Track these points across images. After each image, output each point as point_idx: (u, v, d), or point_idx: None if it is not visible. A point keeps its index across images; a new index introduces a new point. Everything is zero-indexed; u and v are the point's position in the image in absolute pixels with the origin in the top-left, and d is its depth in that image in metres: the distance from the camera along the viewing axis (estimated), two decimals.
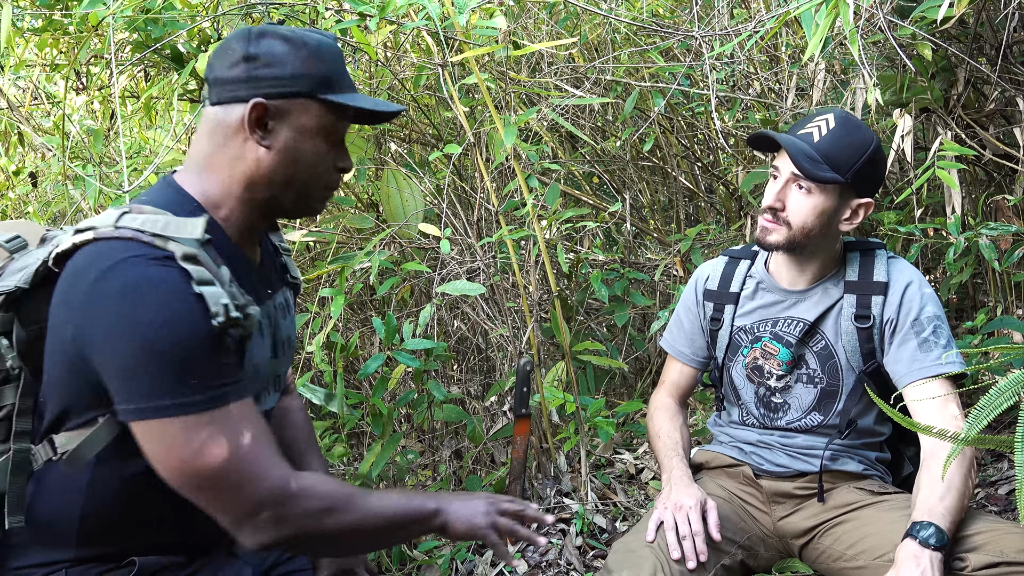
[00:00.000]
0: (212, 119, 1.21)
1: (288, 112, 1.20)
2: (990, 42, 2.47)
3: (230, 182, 1.21)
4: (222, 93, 1.20)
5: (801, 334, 1.75)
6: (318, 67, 1.20)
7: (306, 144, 1.22)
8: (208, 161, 1.21)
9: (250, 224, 1.25)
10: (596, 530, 2.21)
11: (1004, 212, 2.51)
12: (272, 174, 1.21)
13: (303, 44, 1.20)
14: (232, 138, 1.20)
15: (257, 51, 1.18)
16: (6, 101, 2.83)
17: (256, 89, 1.18)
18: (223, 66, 1.20)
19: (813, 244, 1.69)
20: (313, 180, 1.25)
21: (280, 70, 1.18)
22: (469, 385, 2.89)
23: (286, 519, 1.11)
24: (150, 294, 1.05)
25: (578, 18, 3.04)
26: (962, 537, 1.49)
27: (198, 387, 1.06)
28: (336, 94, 1.22)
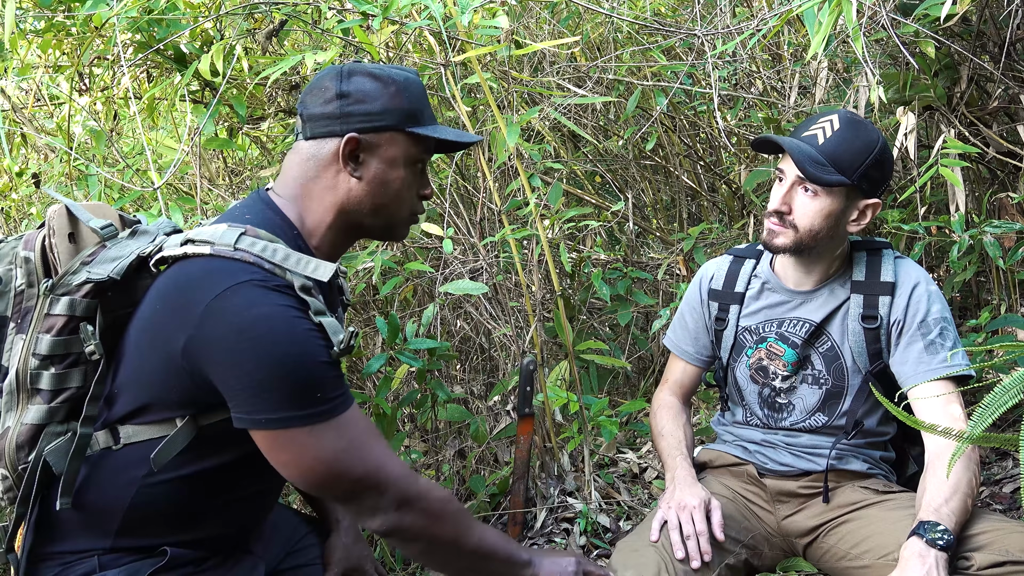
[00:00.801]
0: (306, 152, 1.30)
1: (378, 145, 1.29)
2: (993, 39, 2.47)
3: (324, 210, 1.30)
4: (316, 128, 1.28)
5: (807, 335, 1.75)
6: (405, 102, 1.29)
7: (394, 174, 1.31)
8: (303, 190, 1.30)
9: (336, 249, 1.35)
10: (600, 529, 2.21)
11: (1008, 210, 2.50)
12: (363, 202, 1.30)
13: (391, 81, 1.29)
14: (326, 170, 1.29)
15: (349, 89, 1.27)
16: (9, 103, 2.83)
17: (349, 124, 1.27)
18: (316, 103, 1.28)
19: (820, 246, 1.69)
20: (399, 207, 1.34)
21: (371, 106, 1.27)
22: (472, 385, 2.89)
23: (408, 510, 1.22)
24: (278, 320, 1.14)
25: (580, 17, 3.04)
26: (967, 536, 1.49)
27: (321, 400, 1.16)
28: (421, 126, 1.31)
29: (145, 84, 2.84)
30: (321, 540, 1.58)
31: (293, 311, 1.15)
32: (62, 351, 1.22)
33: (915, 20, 2.14)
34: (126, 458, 1.22)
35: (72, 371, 1.23)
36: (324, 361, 1.16)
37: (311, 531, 1.56)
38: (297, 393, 1.14)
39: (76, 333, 1.22)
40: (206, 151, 2.80)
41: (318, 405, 1.16)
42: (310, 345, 1.15)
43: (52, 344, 1.21)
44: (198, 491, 1.24)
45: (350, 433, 1.19)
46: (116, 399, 1.23)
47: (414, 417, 2.73)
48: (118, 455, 1.22)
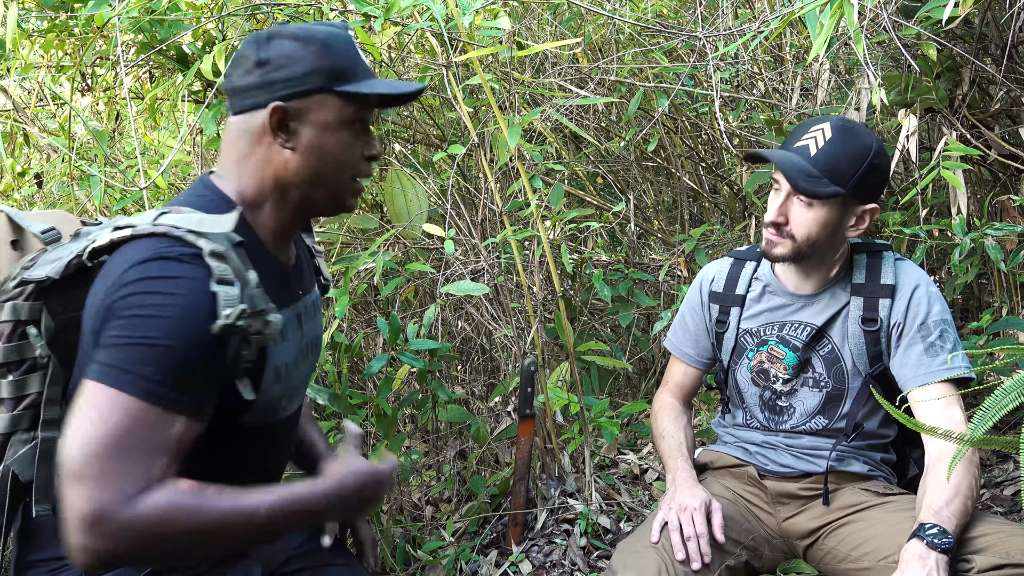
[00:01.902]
0: (236, 129, 1.23)
1: (307, 111, 1.20)
2: (995, 42, 2.47)
3: (263, 187, 1.22)
4: (241, 102, 1.21)
5: (808, 339, 1.75)
6: (330, 60, 1.20)
7: (330, 139, 1.22)
8: (239, 168, 1.23)
9: (284, 226, 1.26)
10: (600, 531, 2.21)
11: (1009, 212, 2.50)
12: (300, 174, 1.22)
13: (312, 39, 1.19)
14: (257, 144, 1.21)
15: (268, 55, 1.19)
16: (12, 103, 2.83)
17: (272, 93, 1.19)
18: (238, 75, 1.21)
19: (819, 253, 1.69)
20: (342, 174, 1.25)
21: (293, 70, 1.18)
22: (473, 385, 2.89)
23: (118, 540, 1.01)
24: (165, 288, 1.06)
25: (582, 18, 3.04)
26: (967, 539, 1.49)
27: (165, 381, 1.05)
28: (353, 83, 1.21)
29: (147, 84, 2.84)
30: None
31: (187, 280, 1.07)
32: (16, 357, 1.19)
33: (917, 22, 2.14)
34: None
35: (30, 377, 1.20)
36: (194, 341, 1.06)
37: (312, 535, 1.52)
38: (142, 356, 1.04)
39: (26, 338, 1.18)
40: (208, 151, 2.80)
41: (155, 385, 1.04)
42: (186, 318, 1.06)
43: (4, 351, 1.18)
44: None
45: (156, 437, 1.04)
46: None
47: (415, 418, 2.73)
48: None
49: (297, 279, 1.33)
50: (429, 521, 2.43)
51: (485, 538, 2.28)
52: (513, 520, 2.22)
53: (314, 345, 1.40)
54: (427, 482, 2.64)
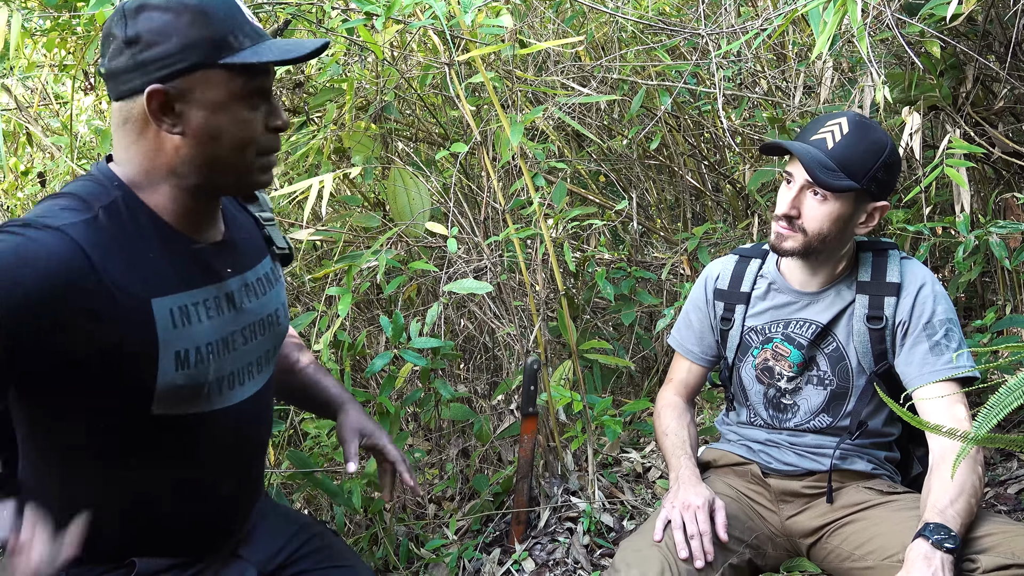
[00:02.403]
0: (118, 116, 1.10)
1: (191, 90, 1.07)
2: (999, 39, 2.46)
3: (155, 173, 1.11)
4: (118, 87, 1.08)
5: (813, 336, 1.75)
6: (208, 30, 1.06)
7: (222, 118, 1.09)
8: (128, 156, 1.12)
9: (189, 208, 1.15)
10: (603, 529, 2.21)
11: (1013, 210, 2.49)
12: (196, 159, 1.10)
13: (184, 7, 1.05)
14: (143, 132, 1.09)
15: (137, 31, 1.05)
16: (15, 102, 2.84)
17: (147, 75, 1.05)
18: (109, 56, 1.08)
19: (828, 249, 1.69)
20: (243, 152, 1.12)
21: (166, 46, 1.05)
22: (476, 384, 2.89)
23: None
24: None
25: (584, 16, 3.03)
26: (972, 538, 1.48)
27: None
28: (238, 53, 1.07)
29: None
30: (328, 542, 1.51)
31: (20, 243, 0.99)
32: None
33: (920, 20, 2.13)
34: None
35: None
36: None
37: (316, 535, 1.49)
38: None
39: None
40: None
41: None
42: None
43: None
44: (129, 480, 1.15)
45: None
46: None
47: (418, 416, 2.73)
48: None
49: (224, 257, 1.22)
50: (432, 519, 2.43)
51: (488, 536, 2.28)
52: (516, 518, 2.22)
53: (266, 322, 1.29)
54: (430, 480, 2.64)
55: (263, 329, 1.28)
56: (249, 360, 1.25)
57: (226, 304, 1.20)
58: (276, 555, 1.42)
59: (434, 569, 2.16)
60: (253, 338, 1.26)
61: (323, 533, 1.52)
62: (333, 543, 1.50)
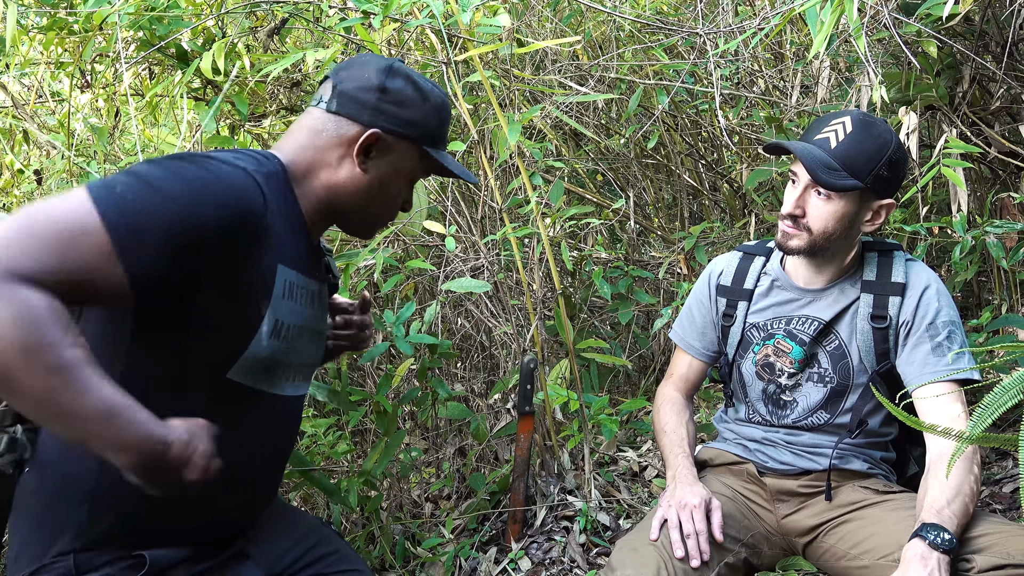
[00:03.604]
0: (322, 123, 1.29)
1: (393, 150, 1.30)
2: (996, 39, 2.46)
3: (317, 184, 1.30)
4: (345, 107, 1.28)
5: (815, 333, 1.75)
6: (434, 122, 1.33)
7: (395, 181, 1.33)
8: (304, 156, 1.29)
9: (318, 218, 1.32)
10: (600, 528, 2.21)
11: (1009, 210, 2.50)
12: (355, 195, 1.30)
13: (430, 97, 1.32)
14: (335, 149, 1.29)
15: (391, 87, 1.28)
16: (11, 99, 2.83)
17: (377, 119, 1.28)
18: (355, 84, 1.28)
19: (834, 247, 1.69)
20: (384, 212, 1.37)
21: (405, 112, 1.29)
22: (473, 383, 2.89)
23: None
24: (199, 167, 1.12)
25: (582, 15, 3.03)
26: (968, 538, 1.49)
27: (133, 223, 1.01)
28: (436, 150, 1.34)
29: (147, 81, 2.84)
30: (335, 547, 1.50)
31: (217, 168, 1.14)
32: None
33: (917, 19, 2.14)
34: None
35: None
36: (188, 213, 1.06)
37: (323, 539, 1.50)
38: (131, 190, 1.03)
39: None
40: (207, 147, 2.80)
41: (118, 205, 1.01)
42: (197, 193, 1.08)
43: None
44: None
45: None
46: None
47: (414, 415, 2.73)
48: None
49: (316, 262, 1.37)
50: (428, 518, 2.43)
51: (484, 535, 2.28)
52: (512, 517, 2.22)
53: (320, 333, 1.40)
54: (426, 479, 2.64)
55: (317, 338, 1.39)
56: (304, 362, 1.36)
57: (310, 300, 1.33)
58: (283, 557, 1.42)
59: (430, 568, 2.16)
60: (313, 344, 1.37)
61: (330, 537, 1.53)
62: (340, 548, 1.51)
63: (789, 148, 1.65)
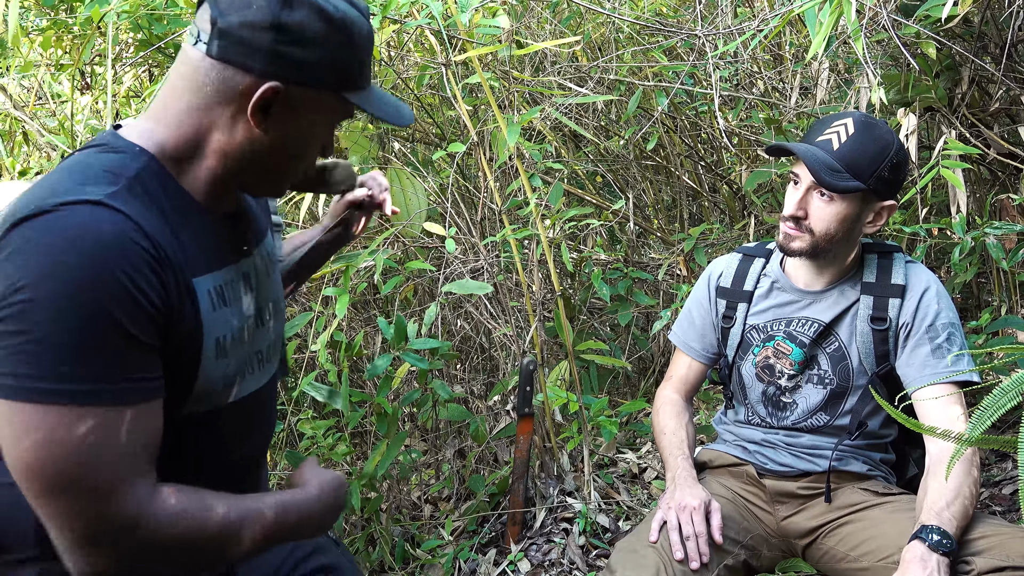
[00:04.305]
0: (205, 73, 1.00)
1: (300, 102, 1.03)
2: (995, 41, 2.46)
3: (204, 148, 1.04)
4: (231, 51, 0.99)
5: (815, 335, 1.75)
6: (350, 57, 1.04)
7: (303, 136, 1.06)
8: (184, 126, 1.03)
9: (217, 188, 1.08)
10: (599, 529, 2.21)
11: (1008, 211, 2.50)
12: (256, 159, 1.05)
13: (340, 26, 1.01)
14: (223, 105, 1.01)
15: (290, 21, 0.98)
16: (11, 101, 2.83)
17: (274, 67, 0.99)
18: (239, 20, 0.98)
19: (836, 248, 1.70)
20: (293, 168, 1.10)
21: (309, 53, 1.00)
22: (472, 384, 2.89)
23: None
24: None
25: (581, 17, 3.04)
26: (967, 540, 1.49)
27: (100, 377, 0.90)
28: (357, 91, 1.06)
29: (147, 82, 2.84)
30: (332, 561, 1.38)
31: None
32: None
33: (916, 21, 2.14)
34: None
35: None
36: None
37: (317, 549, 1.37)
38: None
39: None
40: None
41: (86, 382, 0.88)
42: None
43: None
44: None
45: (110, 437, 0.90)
46: None
47: (414, 416, 2.73)
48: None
49: (241, 230, 1.15)
50: (428, 520, 2.43)
51: (484, 537, 2.28)
52: (512, 519, 2.22)
53: (273, 304, 1.21)
54: (426, 481, 2.64)
55: (272, 315, 1.20)
56: (259, 348, 1.16)
57: (246, 286, 1.13)
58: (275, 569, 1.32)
59: (430, 570, 2.16)
60: (266, 326, 1.18)
61: (325, 547, 1.40)
62: (339, 563, 1.39)
63: (792, 150, 1.65)
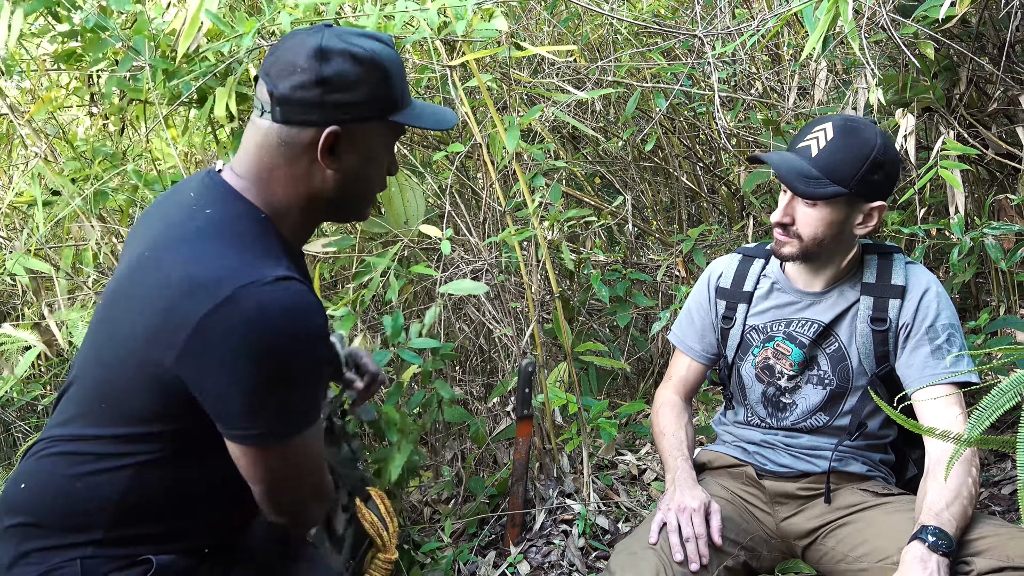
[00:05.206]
0: (276, 137, 1.20)
1: (358, 136, 1.21)
2: (992, 41, 2.47)
3: (295, 197, 1.23)
4: (291, 113, 1.18)
5: (815, 335, 1.75)
6: (388, 88, 1.21)
7: (370, 163, 1.25)
8: (272, 176, 1.22)
9: (307, 229, 1.30)
10: (598, 531, 2.21)
11: (1007, 211, 2.50)
12: (335, 191, 1.24)
13: (372, 64, 1.19)
14: (298, 158, 1.20)
15: (329, 74, 1.16)
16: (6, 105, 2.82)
17: (329, 115, 1.17)
18: (290, 85, 1.17)
19: (828, 251, 1.69)
20: (369, 191, 1.30)
21: (353, 95, 1.18)
22: (472, 386, 2.89)
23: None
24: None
25: (580, 19, 3.04)
26: (967, 541, 1.49)
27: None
28: (402, 112, 1.24)
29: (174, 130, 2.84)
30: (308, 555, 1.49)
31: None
32: None
33: (914, 21, 2.14)
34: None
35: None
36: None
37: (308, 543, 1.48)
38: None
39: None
40: None
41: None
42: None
43: None
44: (186, 491, 1.23)
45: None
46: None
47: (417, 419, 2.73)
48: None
49: (303, 268, 1.36)
50: (427, 522, 2.43)
51: (483, 539, 2.28)
52: (511, 521, 2.22)
53: None
54: (425, 483, 2.64)
55: None
56: None
57: None
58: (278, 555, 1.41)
59: (429, 572, 2.16)
60: None
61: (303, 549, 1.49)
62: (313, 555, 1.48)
63: (766, 161, 1.66)
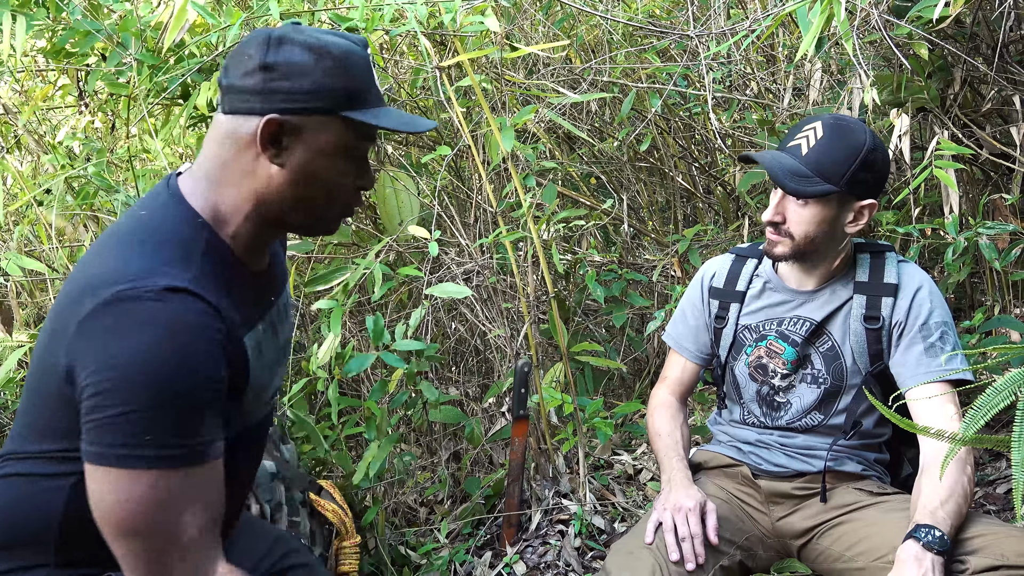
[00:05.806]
0: (224, 128, 1.12)
1: (305, 129, 1.10)
2: (986, 41, 2.47)
3: (240, 198, 1.13)
4: (235, 103, 1.11)
5: (807, 334, 1.75)
6: (342, 81, 1.10)
7: (323, 164, 1.13)
8: (218, 173, 1.13)
9: (258, 239, 1.18)
10: (594, 531, 2.21)
11: (1001, 211, 2.50)
12: (284, 193, 1.13)
13: (327, 54, 1.09)
14: (244, 152, 1.11)
15: (276, 60, 1.08)
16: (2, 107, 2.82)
17: (271, 103, 1.09)
18: (238, 73, 1.10)
19: (820, 250, 1.70)
20: (329, 201, 1.17)
21: (299, 83, 1.08)
22: (467, 387, 2.88)
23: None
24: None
25: (574, 19, 3.04)
26: (962, 540, 1.49)
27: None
28: (361, 110, 1.12)
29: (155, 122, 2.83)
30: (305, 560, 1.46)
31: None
32: None
33: (908, 22, 2.14)
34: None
35: None
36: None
37: (292, 550, 1.44)
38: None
39: None
40: None
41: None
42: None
43: None
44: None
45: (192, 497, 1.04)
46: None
47: (410, 420, 2.73)
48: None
49: (270, 283, 1.25)
50: (423, 523, 2.43)
51: (479, 539, 2.27)
52: (507, 521, 2.22)
53: (287, 346, 1.33)
54: (421, 484, 2.63)
55: (284, 353, 1.31)
56: (278, 384, 1.29)
57: (273, 332, 1.23)
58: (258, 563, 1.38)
59: (425, 573, 2.16)
60: (278, 365, 1.29)
61: (299, 550, 1.47)
62: (310, 561, 1.46)
63: (757, 160, 1.67)
